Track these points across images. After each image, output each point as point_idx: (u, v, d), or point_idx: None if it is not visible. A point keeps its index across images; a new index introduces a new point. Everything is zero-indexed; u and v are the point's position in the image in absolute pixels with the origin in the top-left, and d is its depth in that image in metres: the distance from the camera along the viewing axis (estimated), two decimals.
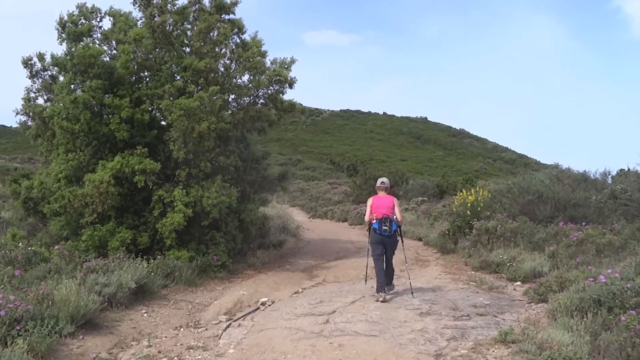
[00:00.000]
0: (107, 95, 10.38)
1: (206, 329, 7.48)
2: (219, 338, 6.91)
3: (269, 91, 12.22)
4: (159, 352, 6.32)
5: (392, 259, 8.55)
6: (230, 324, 7.59)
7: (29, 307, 6.03)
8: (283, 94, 12.47)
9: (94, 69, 9.95)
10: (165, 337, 7.01)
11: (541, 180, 15.85)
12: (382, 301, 7.84)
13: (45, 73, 11.31)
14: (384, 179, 8.85)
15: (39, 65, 11.24)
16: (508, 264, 10.86)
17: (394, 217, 8.19)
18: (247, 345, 6.48)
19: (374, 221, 8.15)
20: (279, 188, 13.54)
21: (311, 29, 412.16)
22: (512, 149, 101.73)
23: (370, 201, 8.53)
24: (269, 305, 8.60)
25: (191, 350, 6.38)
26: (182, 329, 7.45)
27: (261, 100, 12.48)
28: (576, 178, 15.98)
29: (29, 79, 11.31)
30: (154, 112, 10.88)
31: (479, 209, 14.86)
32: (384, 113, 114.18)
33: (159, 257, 9.85)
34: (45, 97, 11.51)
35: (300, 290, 9.75)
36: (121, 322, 7.26)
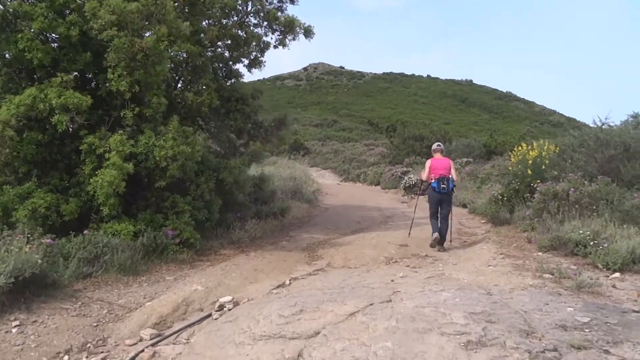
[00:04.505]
0: None
1: (104, 359, 4.50)
2: None
3: (262, 6, 8.95)
4: None
5: (449, 216, 8.89)
6: (143, 350, 4.57)
7: None
8: (282, 11, 9.20)
9: None
10: None
11: (627, 130, 12.18)
12: (433, 240, 8.60)
13: None
14: (439, 143, 9.54)
15: None
16: (592, 243, 7.51)
17: (451, 176, 8.73)
18: None
19: (433, 180, 8.71)
20: (275, 138, 10.32)
21: None
22: (560, 112, 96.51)
23: (429, 163, 9.03)
24: (229, 311, 5.55)
25: None
26: (65, 358, 4.48)
27: (253, 20, 9.23)
28: None
29: None
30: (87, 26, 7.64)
31: (543, 167, 11.38)
32: (428, 76, 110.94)
33: (86, 232, 6.89)
34: None
35: (287, 281, 6.65)
36: None
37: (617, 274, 6.42)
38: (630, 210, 8.77)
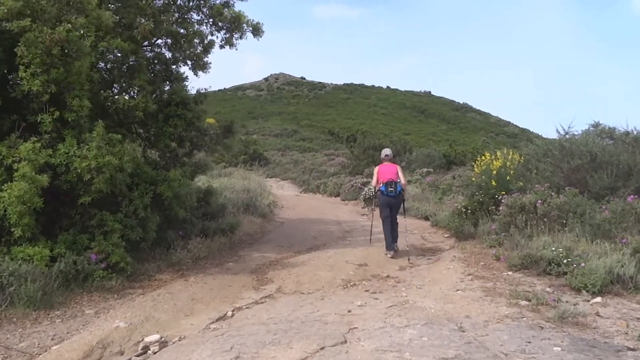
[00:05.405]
0: None
1: None
2: None
3: (205, 1, 8.09)
4: None
5: (397, 218, 9.19)
6: None
7: None
8: (229, 6, 8.38)
9: None
10: None
11: (592, 139, 11.75)
12: (391, 257, 8.69)
13: None
14: (388, 151, 9.66)
15: None
16: (565, 261, 6.93)
17: (399, 180, 8.99)
18: None
19: (381, 184, 8.98)
20: (220, 147, 9.40)
21: (320, 3, 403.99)
22: (514, 123, 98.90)
23: (377, 169, 9.39)
24: (153, 355, 4.61)
25: None
26: None
27: (195, 16, 8.35)
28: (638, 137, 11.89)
29: None
30: None
31: (507, 178, 10.84)
32: (388, 87, 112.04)
33: None
34: None
35: (230, 313, 5.74)
36: None
37: (598, 299, 5.79)
38: (602, 223, 8.25)
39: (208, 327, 5.25)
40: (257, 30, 8.82)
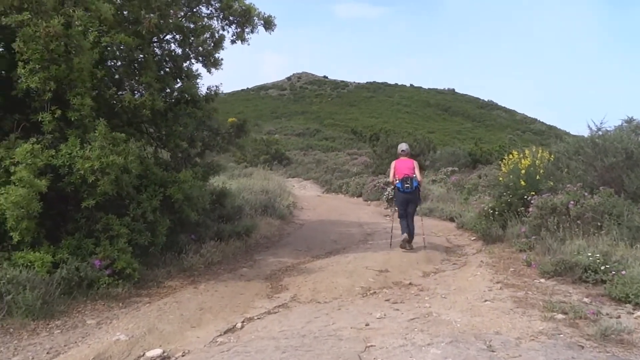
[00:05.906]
0: None
1: None
2: None
3: None
4: None
5: (414, 216, 9.26)
6: None
7: None
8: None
9: None
10: None
11: (627, 135, 11.08)
12: (403, 241, 8.96)
13: None
14: (405, 146, 9.65)
15: None
16: (603, 268, 6.40)
17: (414, 176, 8.99)
18: None
19: (397, 181, 9.04)
20: (233, 147, 9.04)
21: (341, 2, 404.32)
22: (541, 120, 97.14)
23: (393, 164, 9.42)
24: None
25: None
26: None
27: (205, 10, 8.01)
28: None
29: None
30: None
31: (537, 177, 10.26)
32: (411, 85, 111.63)
33: None
34: None
35: (239, 324, 5.33)
36: None
37: None
38: None
39: (215, 340, 4.86)
40: (268, 24, 8.42)
